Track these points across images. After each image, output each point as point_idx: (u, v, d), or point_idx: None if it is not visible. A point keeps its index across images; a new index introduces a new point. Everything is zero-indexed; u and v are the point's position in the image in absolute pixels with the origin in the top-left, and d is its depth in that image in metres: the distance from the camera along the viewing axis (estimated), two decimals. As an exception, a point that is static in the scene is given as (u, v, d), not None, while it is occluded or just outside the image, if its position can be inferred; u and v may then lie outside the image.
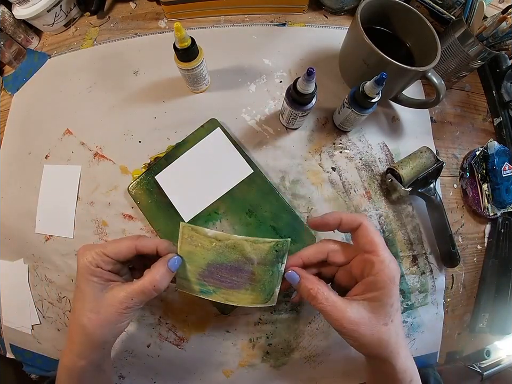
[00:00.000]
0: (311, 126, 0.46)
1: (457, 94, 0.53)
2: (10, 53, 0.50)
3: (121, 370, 0.41)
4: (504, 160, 0.47)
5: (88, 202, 0.44)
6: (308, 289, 0.27)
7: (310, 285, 0.27)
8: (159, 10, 0.53)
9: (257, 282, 0.30)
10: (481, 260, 0.48)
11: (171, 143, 0.45)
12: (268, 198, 0.42)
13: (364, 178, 0.46)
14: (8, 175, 0.47)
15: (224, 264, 0.30)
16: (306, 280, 0.27)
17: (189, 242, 0.30)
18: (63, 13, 0.50)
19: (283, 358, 0.41)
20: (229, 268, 0.30)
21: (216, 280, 0.30)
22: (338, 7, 0.52)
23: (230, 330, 0.41)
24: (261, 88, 0.48)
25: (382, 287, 0.25)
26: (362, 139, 0.47)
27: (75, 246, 0.43)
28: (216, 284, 0.30)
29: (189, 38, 0.37)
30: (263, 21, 0.52)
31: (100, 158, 0.45)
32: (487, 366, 0.48)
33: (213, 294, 0.30)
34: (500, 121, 0.51)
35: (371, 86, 0.36)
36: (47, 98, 0.49)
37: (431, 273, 0.45)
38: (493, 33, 0.40)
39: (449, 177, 0.48)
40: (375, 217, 0.44)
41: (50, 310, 0.43)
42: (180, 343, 0.41)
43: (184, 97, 0.47)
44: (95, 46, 0.51)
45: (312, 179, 0.45)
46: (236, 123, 0.46)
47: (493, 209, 0.47)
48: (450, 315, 0.46)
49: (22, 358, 0.44)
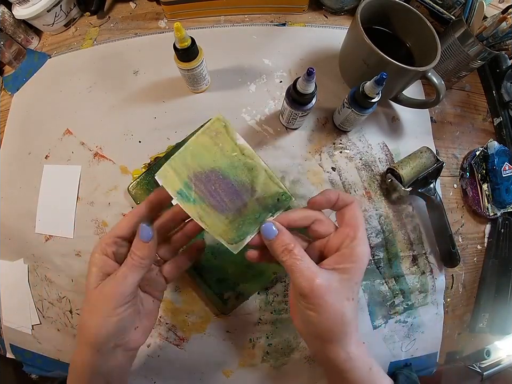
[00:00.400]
0: (311, 126, 0.46)
1: (457, 94, 0.53)
2: (10, 53, 0.50)
3: (121, 370, 0.41)
4: (504, 160, 0.47)
5: (88, 202, 0.44)
6: (285, 243, 0.25)
7: (288, 240, 0.25)
8: (159, 10, 0.53)
9: (240, 217, 0.27)
10: (481, 260, 0.48)
11: (171, 143, 0.45)
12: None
13: (364, 178, 0.46)
14: (8, 175, 0.47)
15: (228, 179, 0.27)
16: (284, 235, 0.26)
17: (211, 136, 0.27)
18: (63, 13, 0.50)
19: (283, 358, 0.41)
20: (230, 186, 0.27)
21: (206, 191, 0.26)
22: (338, 7, 0.52)
23: (230, 330, 0.41)
24: (261, 88, 0.48)
25: (355, 260, 0.25)
26: (362, 139, 0.47)
27: (75, 246, 0.43)
28: (204, 195, 0.26)
29: (189, 38, 0.37)
30: (263, 21, 0.52)
31: (99, 158, 0.45)
32: (487, 366, 0.48)
33: (190, 203, 0.26)
34: (500, 121, 0.51)
35: (371, 86, 0.36)
36: (47, 98, 0.49)
37: (431, 273, 0.45)
38: (493, 33, 0.40)
39: (449, 177, 0.49)
40: (375, 217, 0.44)
41: (50, 310, 0.43)
42: (180, 343, 0.41)
43: (184, 97, 0.47)
44: (95, 46, 0.51)
45: (312, 179, 0.45)
46: (236, 123, 0.46)
47: (493, 209, 0.47)
48: (450, 315, 0.46)
49: (22, 358, 0.44)
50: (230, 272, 0.40)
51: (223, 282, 0.40)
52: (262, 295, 0.42)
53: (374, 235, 0.44)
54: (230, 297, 0.40)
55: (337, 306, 0.24)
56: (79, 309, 0.42)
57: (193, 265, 0.40)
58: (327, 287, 0.24)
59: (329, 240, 0.28)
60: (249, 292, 0.40)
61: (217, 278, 0.40)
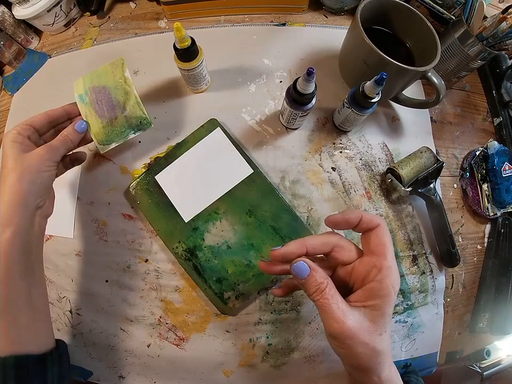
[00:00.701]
0: (311, 126, 0.46)
1: (457, 94, 0.53)
2: (10, 53, 0.50)
3: (121, 370, 0.41)
4: (504, 160, 0.47)
5: (88, 202, 0.44)
6: (318, 283, 0.24)
7: (320, 279, 0.24)
8: (159, 10, 0.53)
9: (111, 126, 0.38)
10: (481, 259, 0.48)
11: (171, 143, 0.45)
12: (268, 198, 0.42)
13: (364, 178, 0.46)
14: (8, 175, 0.47)
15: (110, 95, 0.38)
16: (317, 273, 0.24)
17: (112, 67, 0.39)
18: (63, 13, 0.50)
19: (283, 358, 0.41)
20: (109, 100, 0.38)
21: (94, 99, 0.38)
22: (338, 7, 0.52)
23: (230, 330, 0.41)
24: (261, 88, 0.48)
25: (385, 294, 0.24)
26: (362, 139, 0.47)
27: (75, 246, 0.43)
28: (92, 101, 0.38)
29: (189, 38, 0.37)
30: (263, 21, 0.52)
31: (100, 158, 0.45)
32: (487, 366, 0.48)
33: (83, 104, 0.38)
34: (500, 121, 0.51)
35: (371, 86, 0.36)
36: (47, 98, 0.49)
37: (431, 273, 0.45)
38: (493, 33, 0.40)
39: (449, 177, 0.49)
40: (375, 217, 0.44)
41: (50, 310, 0.43)
42: (180, 343, 0.41)
43: (184, 97, 0.47)
44: (95, 46, 0.51)
45: (312, 179, 0.45)
46: (236, 123, 0.46)
47: (493, 209, 0.47)
48: (450, 315, 0.46)
49: (22, 358, 0.44)
50: (230, 272, 0.40)
51: (223, 282, 0.40)
52: (262, 295, 0.42)
53: (374, 235, 0.44)
54: (230, 297, 0.40)
55: (369, 344, 0.23)
56: (79, 309, 0.42)
57: (193, 265, 0.40)
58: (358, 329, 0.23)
59: (354, 268, 0.27)
60: (249, 292, 0.40)
61: (217, 278, 0.40)
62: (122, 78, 0.38)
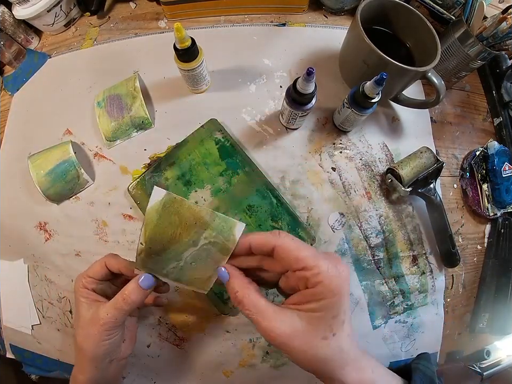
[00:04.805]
0: (311, 126, 0.46)
1: (457, 94, 0.53)
2: (10, 53, 0.50)
3: (121, 370, 0.41)
4: (504, 160, 0.47)
5: (88, 202, 0.44)
6: (234, 291, 0.23)
7: (236, 287, 0.23)
8: (159, 10, 0.53)
9: (118, 125, 0.44)
10: (481, 259, 0.48)
11: (171, 143, 0.45)
12: (267, 198, 0.42)
13: (364, 178, 0.46)
14: (8, 175, 0.47)
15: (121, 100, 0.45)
16: (235, 280, 0.24)
17: (126, 81, 0.46)
18: (63, 13, 0.50)
19: (283, 358, 0.41)
20: (119, 103, 0.44)
21: (108, 104, 0.44)
22: (338, 7, 0.52)
23: (230, 330, 0.41)
24: (261, 88, 0.48)
25: (322, 298, 0.22)
26: (362, 139, 0.47)
27: (75, 246, 0.43)
28: (106, 105, 0.44)
29: (189, 38, 0.37)
30: (263, 21, 0.52)
31: (99, 158, 0.45)
32: (487, 366, 0.48)
33: (99, 108, 0.45)
34: (500, 121, 0.51)
35: (371, 86, 0.36)
36: (47, 98, 0.49)
37: (431, 273, 0.45)
38: (493, 33, 0.40)
39: (449, 177, 0.48)
40: (375, 217, 0.44)
41: (50, 310, 0.43)
42: (180, 343, 0.41)
43: (184, 97, 0.47)
44: (95, 46, 0.51)
45: (312, 179, 0.45)
46: (236, 123, 0.46)
47: (493, 209, 0.47)
48: (450, 315, 0.46)
49: (22, 358, 0.44)
50: (230, 272, 0.40)
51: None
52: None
53: (374, 235, 0.44)
54: (230, 297, 0.40)
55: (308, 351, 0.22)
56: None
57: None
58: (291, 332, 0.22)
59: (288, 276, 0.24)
60: (249, 292, 0.40)
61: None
62: (133, 87, 0.45)
